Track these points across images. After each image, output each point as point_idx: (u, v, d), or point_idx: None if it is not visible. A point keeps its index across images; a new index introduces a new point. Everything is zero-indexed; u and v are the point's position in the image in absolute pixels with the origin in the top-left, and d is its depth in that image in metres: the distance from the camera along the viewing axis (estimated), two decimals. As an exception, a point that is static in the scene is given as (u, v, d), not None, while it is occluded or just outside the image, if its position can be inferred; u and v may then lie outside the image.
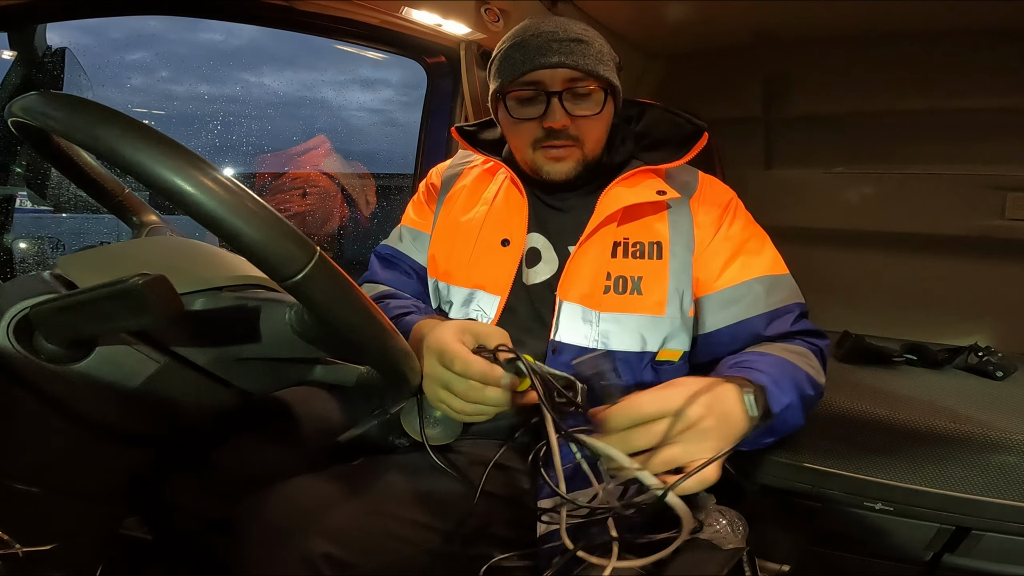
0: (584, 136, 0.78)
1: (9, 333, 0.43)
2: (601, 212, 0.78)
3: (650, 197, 0.78)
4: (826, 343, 0.80)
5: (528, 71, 0.75)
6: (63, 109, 0.38)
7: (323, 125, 51.87)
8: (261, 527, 0.59)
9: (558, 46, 0.74)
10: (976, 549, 0.99)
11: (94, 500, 0.52)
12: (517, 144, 0.82)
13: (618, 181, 0.80)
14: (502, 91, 0.79)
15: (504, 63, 0.78)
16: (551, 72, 0.74)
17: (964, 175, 1.48)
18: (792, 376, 0.68)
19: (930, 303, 1.56)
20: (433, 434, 0.66)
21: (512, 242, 0.81)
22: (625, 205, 0.77)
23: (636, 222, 0.79)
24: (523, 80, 0.76)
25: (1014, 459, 0.93)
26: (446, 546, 0.64)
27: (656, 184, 0.80)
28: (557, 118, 0.75)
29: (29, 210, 1.28)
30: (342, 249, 2.33)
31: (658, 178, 0.82)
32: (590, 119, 0.77)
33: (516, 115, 0.79)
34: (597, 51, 0.76)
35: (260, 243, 0.37)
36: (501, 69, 0.78)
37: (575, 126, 0.77)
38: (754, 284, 0.78)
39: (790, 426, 0.67)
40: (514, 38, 0.78)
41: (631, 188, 0.80)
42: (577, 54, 0.74)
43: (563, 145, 0.78)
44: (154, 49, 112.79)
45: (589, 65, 0.75)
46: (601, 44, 0.78)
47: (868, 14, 1.27)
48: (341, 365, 0.59)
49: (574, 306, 0.76)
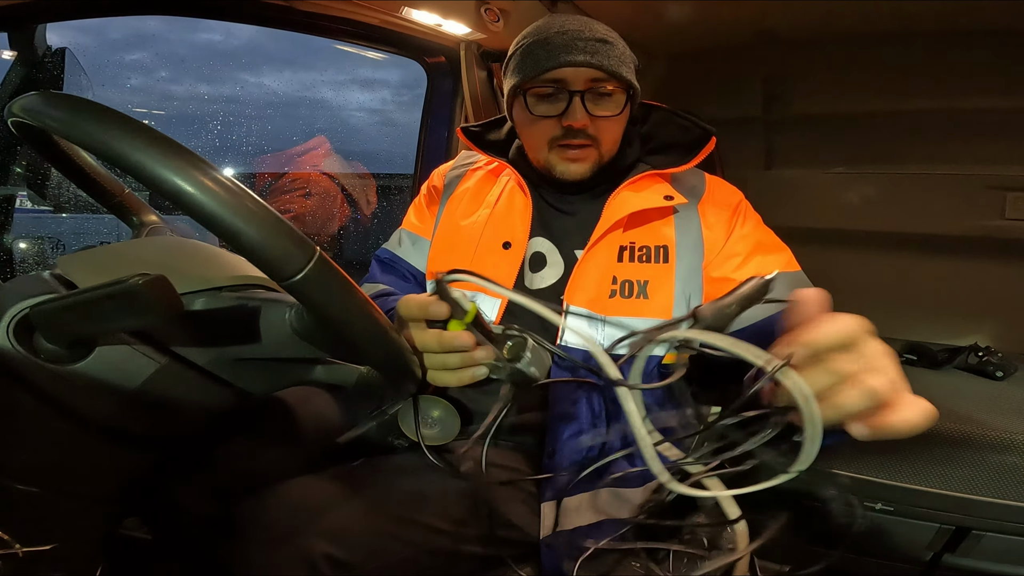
0: (602, 137, 0.78)
1: (9, 333, 0.43)
2: (609, 217, 0.77)
3: (658, 203, 0.77)
4: None
5: (552, 68, 0.74)
6: (63, 109, 0.38)
7: (322, 125, 51.84)
8: (262, 527, 0.59)
9: (584, 44, 0.74)
10: (976, 549, 0.99)
11: (94, 500, 0.52)
12: (532, 142, 0.81)
13: (625, 185, 0.80)
14: (522, 87, 0.78)
15: (526, 59, 0.77)
16: (575, 71, 0.74)
17: (964, 175, 1.48)
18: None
19: (930, 303, 1.56)
20: (430, 434, 0.66)
21: (514, 245, 0.80)
22: (637, 208, 0.77)
23: (642, 227, 0.79)
24: (546, 77, 0.75)
25: (1014, 459, 0.93)
26: (447, 546, 0.64)
27: (663, 189, 0.80)
28: (578, 117, 0.75)
29: (29, 210, 1.29)
30: (342, 249, 2.33)
31: (665, 182, 0.81)
32: (609, 120, 0.77)
33: (536, 112, 0.78)
34: (620, 52, 0.76)
35: (260, 243, 0.37)
36: (522, 65, 0.77)
37: (594, 126, 0.76)
38: (778, 279, 0.77)
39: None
40: (537, 34, 0.77)
41: (638, 193, 0.79)
42: (602, 54, 0.74)
43: (580, 145, 0.77)
44: (153, 49, 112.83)
45: (613, 66, 0.74)
46: (624, 46, 0.78)
47: (868, 14, 1.27)
48: (341, 365, 0.59)
49: (580, 310, 0.76)
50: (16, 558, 0.44)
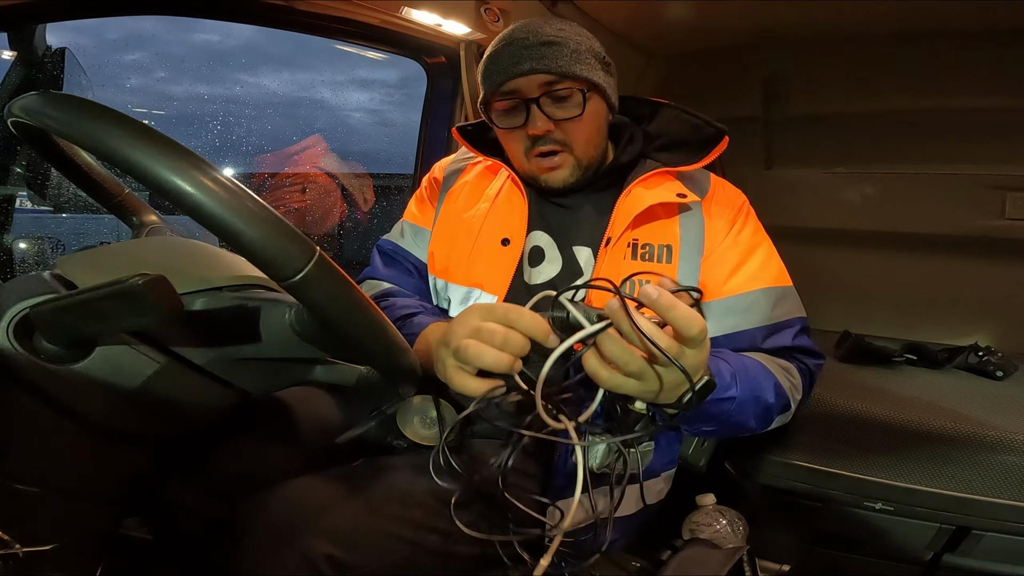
0: (571, 139, 0.77)
1: (9, 333, 0.43)
2: (627, 213, 0.76)
3: (671, 198, 0.77)
4: (818, 363, 0.80)
5: (503, 81, 0.74)
6: (63, 109, 0.38)
7: (322, 125, 51.88)
8: (262, 528, 0.59)
9: (528, 52, 0.73)
10: (976, 549, 0.99)
11: (94, 500, 0.52)
12: (511, 155, 0.82)
13: (638, 182, 0.79)
14: (485, 103, 0.79)
15: (484, 76, 0.78)
16: (526, 79, 0.74)
17: (964, 175, 1.48)
18: (755, 377, 0.68)
19: (930, 303, 1.56)
20: (429, 435, 0.66)
21: (512, 241, 0.80)
22: (650, 205, 0.76)
23: (648, 224, 0.78)
24: (502, 91, 0.76)
25: (1014, 459, 0.93)
26: (448, 547, 0.64)
27: (675, 186, 0.79)
28: (538, 124, 0.74)
29: (29, 210, 1.28)
30: (341, 249, 2.34)
31: (676, 180, 0.81)
32: (573, 121, 0.76)
33: (502, 125, 0.79)
34: (572, 51, 0.74)
35: (260, 243, 0.37)
36: (483, 81, 0.78)
37: (560, 130, 0.76)
38: (759, 295, 0.77)
39: (733, 422, 0.67)
40: (491, 49, 0.78)
41: (650, 190, 0.78)
42: (548, 57, 0.73)
43: (552, 152, 0.77)
44: (151, 50, 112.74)
45: (562, 67, 0.73)
46: (578, 42, 0.76)
47: (868, 14, 1.27)
48: (341, 365, 0.59)
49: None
50: (16, 558, 0.44)
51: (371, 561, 0.58)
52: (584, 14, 1.33)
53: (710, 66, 1.62)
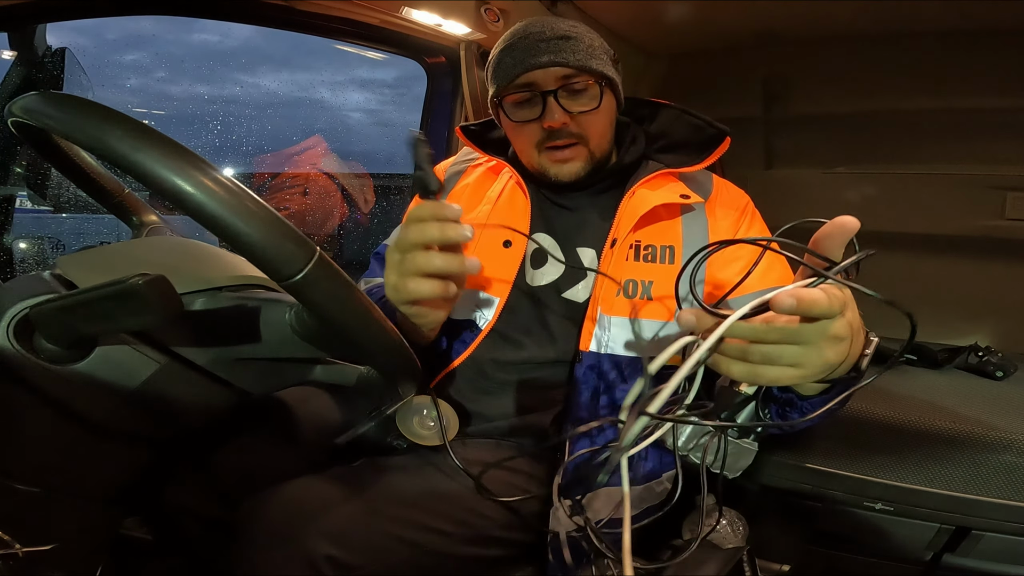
0: (587, 132, 0.77)
1: (9, 333, 0.43)
2: (632, 215, 0.76)
3: (674, 199, 0.77)
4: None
5: (520, 73, 0.74)
6: (63, 109, 0.38)
7: (321, 125, 51.95)
8: (262, 528, 0.59)
9: (546, 45, 0.74)
10: (976, 549, 0.99)
11: (94, 500, 0.52)
12: (521, 148, 0.82)
13: (642, 183, 0.79)
14: (498, 96, 0.79)
15: (497, 69, 0.78)
16: (543, 72, 0.74)
17: (964, 175, 1.48)
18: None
19: (930, 303, 1.56)
20: (428, 434, 0.66)
21: (514, 243, 0.80)
22: (655, 205, 0.76)
23: (651, 226, 0.78)
24: (517, 83, 0.75)
25: (1014, 459, 0.93)
26: (449, 547, 0.64)
27: (678, 188, 0.79)
28: (556, 117, 0.75)
29: (29, 210, 1.28)
30: (341, 249, 2.33)
31: (678, 181, 0.81)
32: (589, 114, 0.76)
33: (515, 118, 0.78)
34: (587, 46, 0.75)
35: (260, 243, 0.37)
36: (495, 75, 0.78)
37: (576, 123, 0.76)
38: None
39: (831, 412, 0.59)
40: (504, 43, 0.78)
41: (654, 191, 0.78)
42: (566, 51, 0.74)
43: (567, 145, 0.77)
44: (150, 50, 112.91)
45: (580, 60, 0.74)
46: (591, 39, 0.77)
47: (868, 14, 1.27)
48: (341, 365, 0.59)
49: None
50: (16, 558, 0.44)
51: (371, 561, 0.58)
52: (584, 14, 1.33)
53: (710, 66, 1.62)
